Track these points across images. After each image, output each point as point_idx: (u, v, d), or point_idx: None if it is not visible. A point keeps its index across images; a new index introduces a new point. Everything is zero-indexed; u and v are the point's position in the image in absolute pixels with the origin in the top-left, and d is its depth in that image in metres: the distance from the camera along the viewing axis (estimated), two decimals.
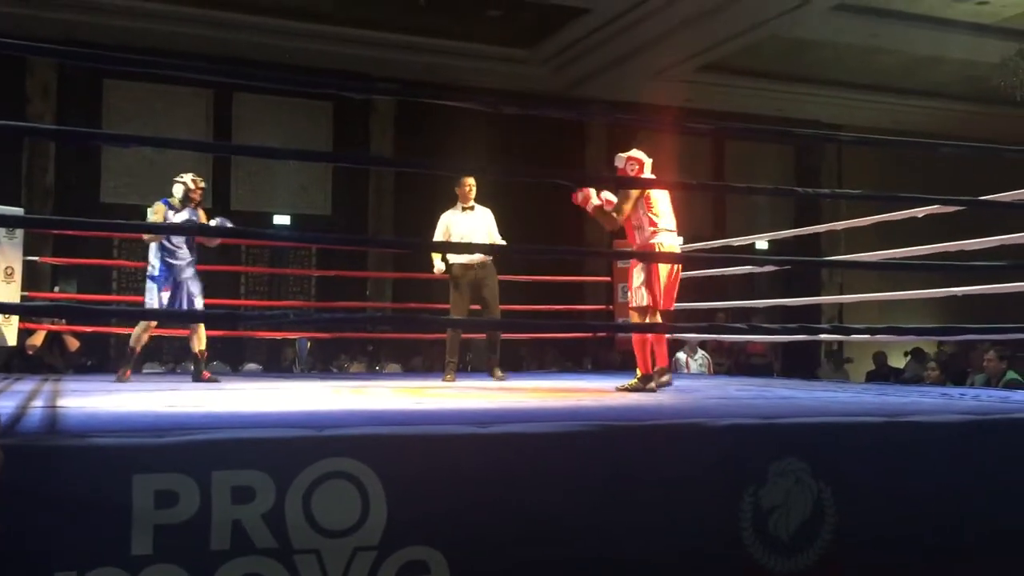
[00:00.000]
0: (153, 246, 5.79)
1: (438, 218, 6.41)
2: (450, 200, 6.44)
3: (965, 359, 9.10)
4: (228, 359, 9.56)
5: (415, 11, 10.32)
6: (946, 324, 13.68)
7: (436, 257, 6.23)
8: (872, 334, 4.11)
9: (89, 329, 7.72)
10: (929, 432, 2.96)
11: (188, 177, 5.89)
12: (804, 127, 13.52)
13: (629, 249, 5.26)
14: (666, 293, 4.85)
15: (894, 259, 5.36)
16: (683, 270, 5.17)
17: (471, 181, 6.22)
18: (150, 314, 5.63)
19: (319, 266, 11.39)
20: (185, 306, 5.62)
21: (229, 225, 5.59)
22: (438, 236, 6.23)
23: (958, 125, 13.55)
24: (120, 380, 5.47)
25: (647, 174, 4.98)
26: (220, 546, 2.12)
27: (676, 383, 5.80)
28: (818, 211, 12.97)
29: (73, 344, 7.35)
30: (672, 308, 5.01)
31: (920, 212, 5.11)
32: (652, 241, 4.90)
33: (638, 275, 4.89)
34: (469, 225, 6.14)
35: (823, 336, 9.62)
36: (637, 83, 12.32)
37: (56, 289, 9.56)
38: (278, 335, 8.88)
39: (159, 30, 10.25)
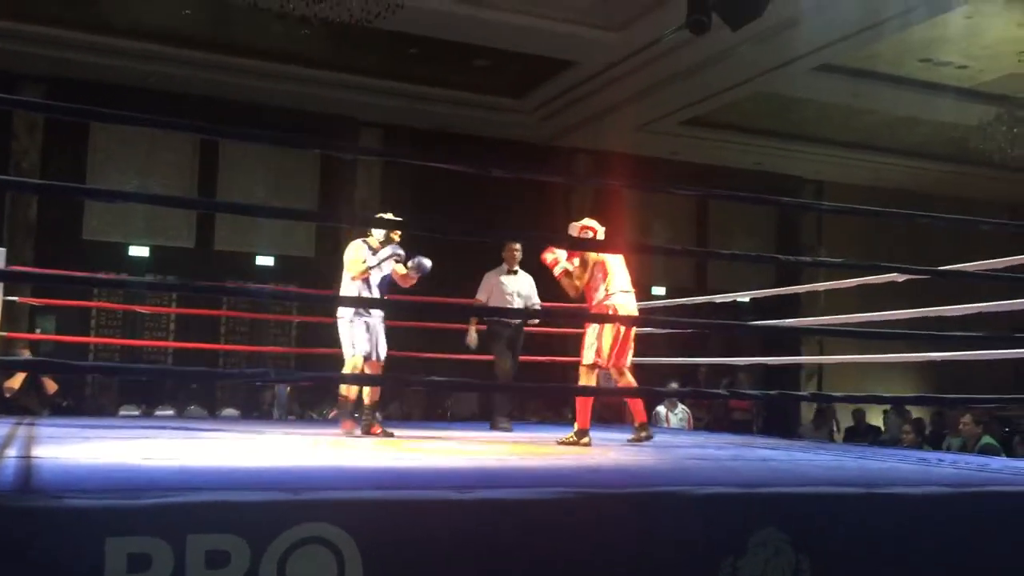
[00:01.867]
0: (353, 286, 5.62)
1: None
2: (434, 246, 6.45)
3: (940, 422, 9.14)
4: (205, 403, 9.47)
5: (405, 59, 10.42)
6: (925, 384, 13.85)
7: (472, 328, 6.64)
8: (851, 402, 4.12)
9: None
10: (909, 505, 2.95)
11: (388, 216, 5.80)
12: (786, 182, 13.71)
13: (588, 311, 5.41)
14: (619, 351, 5.14)
15: (872, 325, 5.40)
16: (665, 326, 5.29)
17: (517, 246, 6.58)
18: (122, 370, 5.53)
19: (300, 311, 11.35)
20: (374, 349, 5.59)
21: (427, 263, 5.69)
22: (481, 296, 6.55)
23: (938, 184, 13.77)
24: (349, 434, 5.34)
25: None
26: None
27: (656, 438, 5.80)
28: (799, 268, 13.07)
29: (51, 387, 7.28)
30: (624, 365, 5.23)
31: (900, 278, 5.16)
32: (606, 303, 5.21)
33: (590, 334, 5.18)
34: (514, 287, 6.52)
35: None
36: (622, 134, 12.47)
37: (37, 330, 9.48)
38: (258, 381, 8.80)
39: (149, 70, 10.30)
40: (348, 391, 5.57)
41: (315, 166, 12.20)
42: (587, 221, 5.38)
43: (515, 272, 6.54)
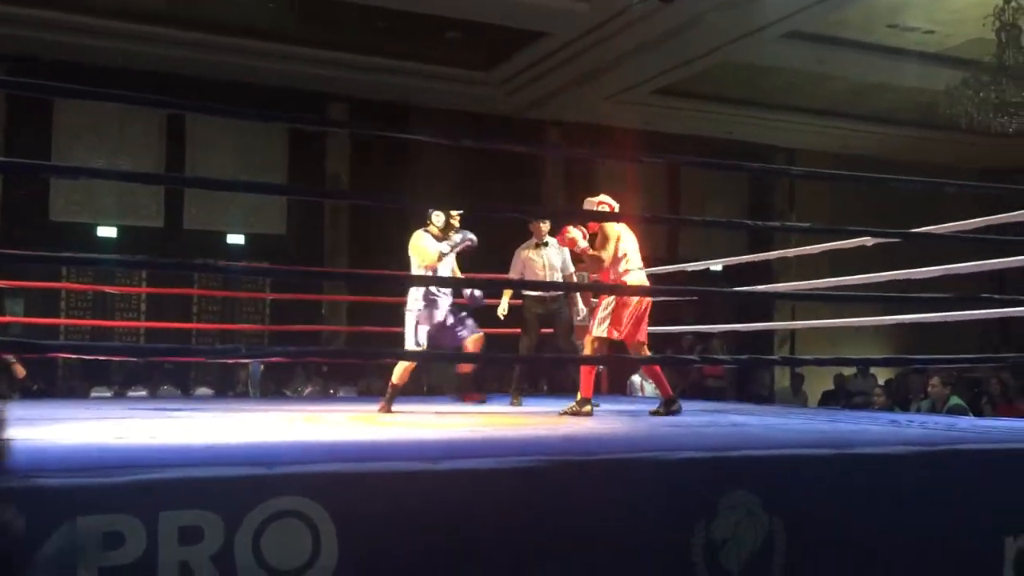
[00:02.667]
0: (424, 275, 5.68)
1: (393, 239, 6.44)
2: (409, 223, 6.42)
3: (905, 384, 9.27)
4: (179, 383, 9.42)
5: (373, 32, 10.32)
6: (895, 347, 14.02)
7: (505, 299, 6.42)
8: (821, 364, 4.17)
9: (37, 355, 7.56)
10: (878, 464, 3.00)
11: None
12: (757, 150, 13.74)
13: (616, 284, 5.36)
14: (633, 326, 5.11)
15: (843, 288, 5.45)
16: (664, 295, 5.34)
17: (545, 225, 6.42)
18: (89, 348, 5.47)
19: (273, 288, 11.29)
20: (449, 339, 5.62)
21: (472, 238, 5.75)
22: (514, 273, 6.41)
23: (907, 150, 13.86)
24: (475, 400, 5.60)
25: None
26: None
27: (631, 406, 5.85)
28: (770, 234, 13.16)
29: (20, 372, 7.20)
30: (639, 340, 5.19)
31: (869, 242, 5.21)
32: (624, 279, 5.21)
33: (604, 308, 5.16)
34: (544, 260, 6.33)
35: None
36: (593, 105, 12.44)
37: (6, 313, 9.37)
38: (231, 359, 8.78)
39: (114, 48, 10.13)
40: (399, 378, 5.57)
41: (283, 142, 12.08)
42: (603, 197, 5.42)
43: (545, 244, 6.38)
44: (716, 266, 10.42)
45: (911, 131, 13.40)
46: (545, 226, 6.36)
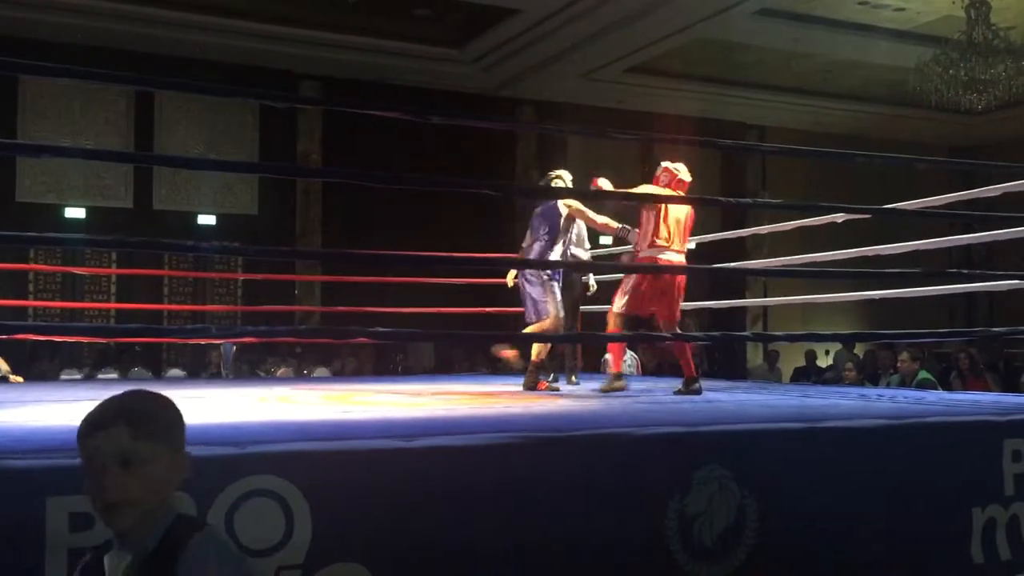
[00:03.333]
0: (557, 248, 5.55)
1: (368, 217, 6.36)
2: (378, 201, 6.38)
3: (874, 359, 9.37)
4: (150, 364, 9.34)
5: (343, 9, 10.22)
6: (866, 323, 14.15)
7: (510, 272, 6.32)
8: (792, 341, 4.20)
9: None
10: (848, 438, 3.03)
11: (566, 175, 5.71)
12: (730, 128, 13.78)
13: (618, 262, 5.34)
14: (659, 303, 4.95)
15: (815, 265, 5.48)
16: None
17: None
18: (55, 330, 5.31)
19: (245, 269, 11.21)
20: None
21: None
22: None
23: (878, 127, 13.96)
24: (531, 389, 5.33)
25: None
26: None
27: (599, 383, 5.86)
28: (743, 212, 13.21)
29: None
30: (668, 318, 5.02)
31: (839, 218, 5.24)
32: (657, 256, 5.01)
33: (627, 283, 5.02)
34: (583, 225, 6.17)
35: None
36: (566, 84, 12.41)
37: None
38: (203, 340, 8.70)
39: (81, 25, 9.97)
40: (540, 351, 5.49)
41: (253, 121, 11.96)
42: (668, 164, 5.32)
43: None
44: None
45: (882, 108, 13.49)
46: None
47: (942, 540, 3.03)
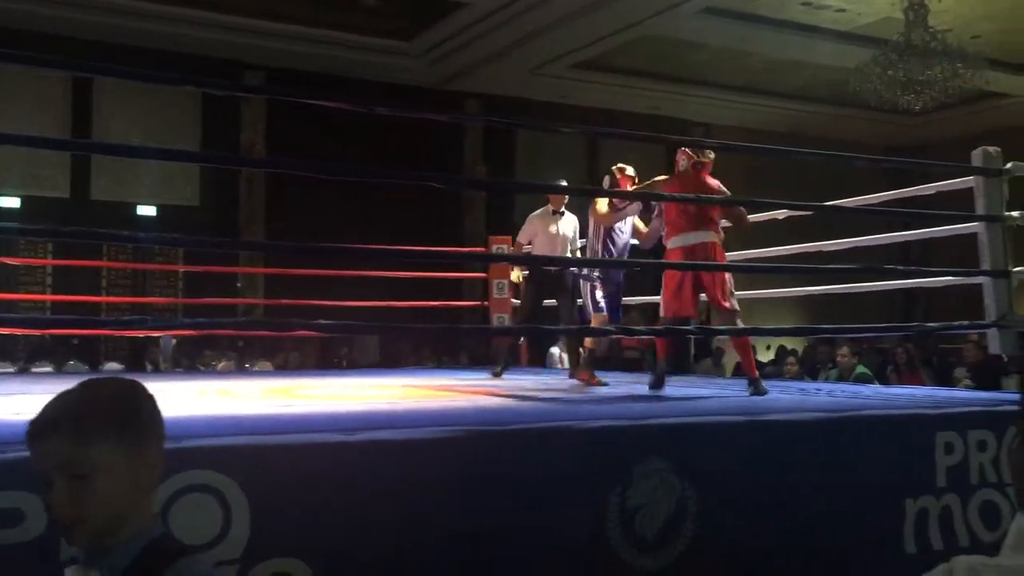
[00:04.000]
0: (600, 244, 5.42)
1: (312, 209, 6.32)
2: (323, 194, 6.33)
3: (813, 354, 9.54)
4: (86, 358, 9.14)
5: None
6: (807, 317, 14.40)
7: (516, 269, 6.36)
8: (735, 335, 4.25)
9: None
10: (786, 431, 3.08)
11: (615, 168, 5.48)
12: (675, 125, 13.90)
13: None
14: (682, 301, 4.53)
15: (757, 261, 5.56)
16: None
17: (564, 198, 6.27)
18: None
19: (187, 261, 11.01)
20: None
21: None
22: (523, 238, 6.25)
23: (819, 126, 14.20)
24: (587, 382, 5.20)
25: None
26: None
27: (548, 379, 5.88)
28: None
29: None
30: (672, 314, 4.63)
31: (780, 215, 5.32)
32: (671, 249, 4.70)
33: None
34: (558, 229, 6.14)
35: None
36: (514, 78, 12.41)
37: None
38: (141, 333, 8.55)
39: (17, 9, 9.70)
40: (594, 344, 5.50)
41: (196, 112, 11.76)
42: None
43: (561, 214, 6.18)
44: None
45: (823, 108, 13.73)
46: (564, 197, 6.20)
47: (876, 531, 3.09)
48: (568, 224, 6.21)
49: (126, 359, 9.35)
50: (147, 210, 11.44)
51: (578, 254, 6.29)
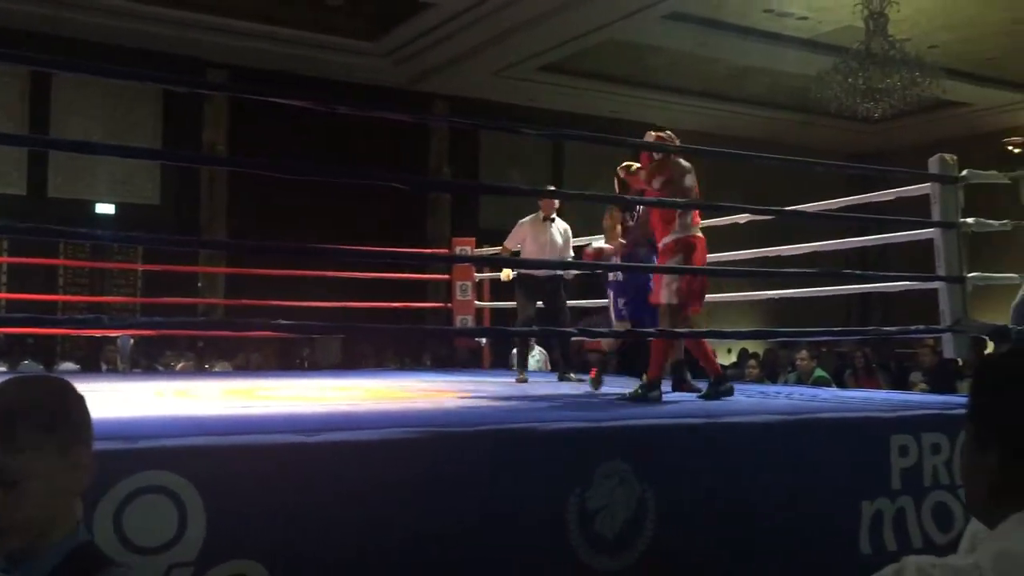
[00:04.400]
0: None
1: (275, 209, 6.28)
2: (286, 194, 6.29)
3: (774, 357, 9.65)
4: (41, 358, 8.98)
5: None
6: (767, 321, 14.56)
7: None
8: (694, 338, 4.28)
9: None
10: (745, 433, 3.11)
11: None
12: (638, 129, 13.96)
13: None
14: (693, 295, 4.29)
15: (718, 264, 5.60)
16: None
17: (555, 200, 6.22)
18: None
19: (146, 260, 10.86)
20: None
21: None
22: (511, 243, 6.27)
23: (781, 133, 14.35)
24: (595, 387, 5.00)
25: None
26: None
27: (511, 381, 5.89)
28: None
29: None
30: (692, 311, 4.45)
31: (742, 219, 5.37)
32: (696, 234, 4.33)
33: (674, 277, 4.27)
34: (547, 237, 6.15)
35: None
36: (479, 80, 12.41)
37: None
38: (97, 332, 8.41)
39: None
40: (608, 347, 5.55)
41: (157, 109, 11.62)
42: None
43: (551, 220, 6.17)
44: (598, 242, 10.61)
45: (785, 114, 13.88)
46: (555, 201, 6.19)
47: (833, 532, 3.13)
48: (559, 231, 6.19)
49: (82, 359, 9.20)
50: (106, 208, 11.28)
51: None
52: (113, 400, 3.96)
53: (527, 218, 6.30)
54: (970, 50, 11.42)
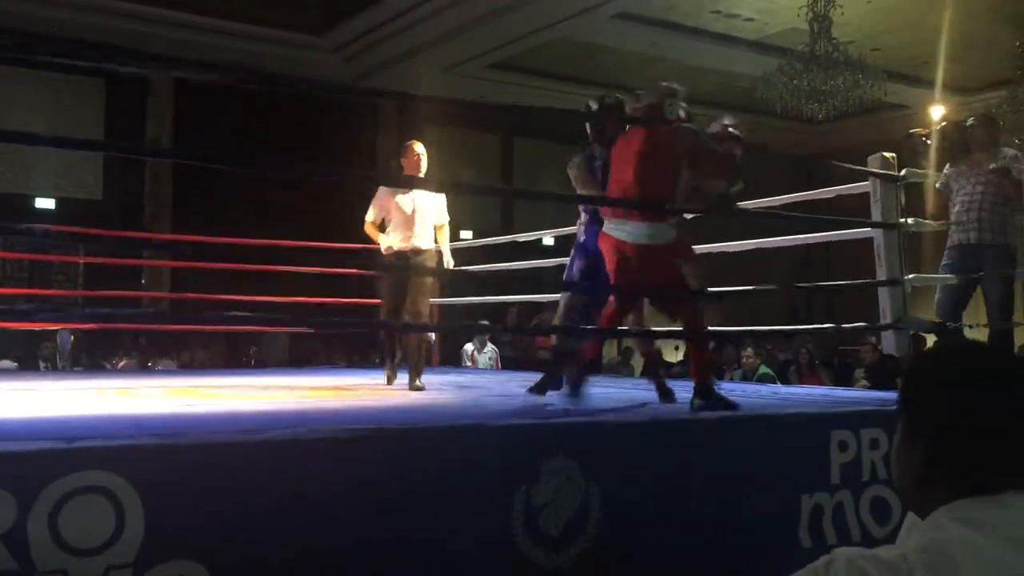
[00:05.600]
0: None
1: (221, 204, 6.06)
2: (233, 188, 6.16)
3: (718, 355, 9.75)
4: None
5: None
6: (713, 319, 14.73)
7: (382, 237, 5.17)
8: (645, 336, 4.31)
9: None
10: (689, 429, 3.14)
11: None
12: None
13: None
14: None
15: None
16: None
17: (420, 149, 5.11)
18: None
19: (88, 252, 10.61)
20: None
21: None
22: (373, 213, 5.23)
23: None
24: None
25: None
26: None
27: (459, 378, 5.88)
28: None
29: None
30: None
31: (689, 216, 5.41)
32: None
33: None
34: (418, 201, 5.10)
35: None
36: (428, 77, 12.36)
37: None
38: (36, 327, 8.20)
39: None
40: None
41: (99, 101, 11.38)
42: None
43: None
44: (548, 239, 10.65)
45: (733, 115, 14.02)
46: (422, 159, 5.11)
47: (773, 525, 3.18)
48: (427, 198, 5.18)
49: (19, 356, 8.98)
50: (45, 202, 11.03)
51: (445, 233, 5.30)
52: (53, 399, 3.88)
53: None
54: (910, 54, 11.67)
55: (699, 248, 5.19)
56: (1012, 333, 4.87)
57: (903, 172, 4.53)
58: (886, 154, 4.54)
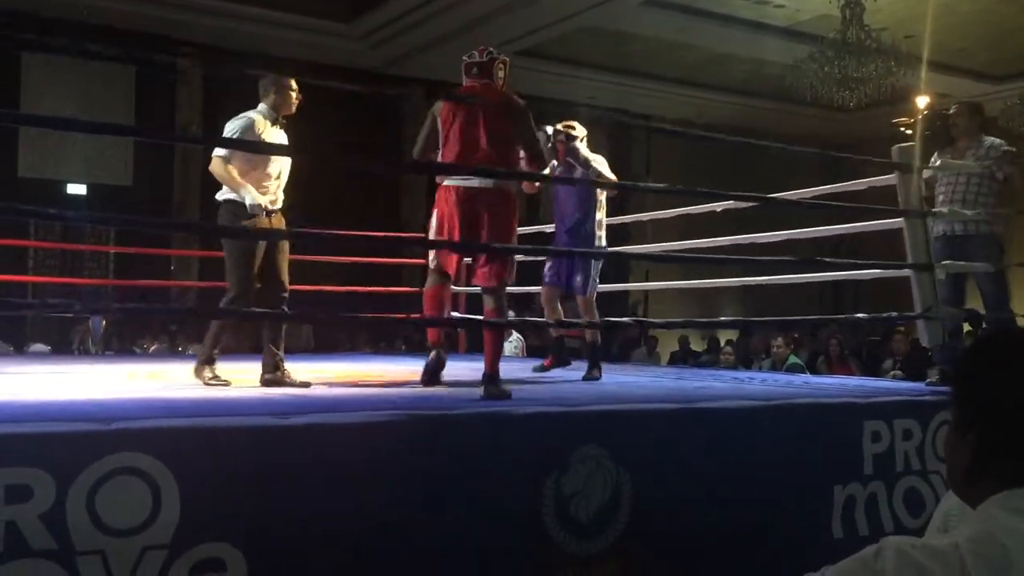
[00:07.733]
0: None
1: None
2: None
3: (747, 344, 9.71)
4: (11, 339, 8.87)
5: None
6: (744, 308, 14.65)
7: (250, 189, 4.24)
8: (672, 328, 4.29)
9: None
10: (720, 418, 3.12)
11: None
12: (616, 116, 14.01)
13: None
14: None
15: (695, 250, 5.62)
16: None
17: (294, 84, 4.42)
18: None
19: (118, 241, 10.71)
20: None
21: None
22: (238, 159, 4.29)
23: (757, 120, 14.39)
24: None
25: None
26: None
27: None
28: (627, 198, 13.42)
29: None
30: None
31: (719, 207, 5.38)
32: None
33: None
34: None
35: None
36: (457, 64, 12.30)
37: None
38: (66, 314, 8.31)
39: None
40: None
41: (129, 88, 11.42)
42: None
43: (284, 125, 4.37)
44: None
45: (763, 102, 13.91)
46: (294, 94, 4.40)
47: (806, 516, 3.16)
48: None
49: (53, 340, 9.09)
50: (77, 188, 11.12)
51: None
52: (87, 382, 3.92)
53: (255, 114, 4.43)
54: (943, 40, 11.50)
55: (733, 239, 5.15)
56: (1013, 323, 4.76)
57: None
58: (904, 145, 4.49)
